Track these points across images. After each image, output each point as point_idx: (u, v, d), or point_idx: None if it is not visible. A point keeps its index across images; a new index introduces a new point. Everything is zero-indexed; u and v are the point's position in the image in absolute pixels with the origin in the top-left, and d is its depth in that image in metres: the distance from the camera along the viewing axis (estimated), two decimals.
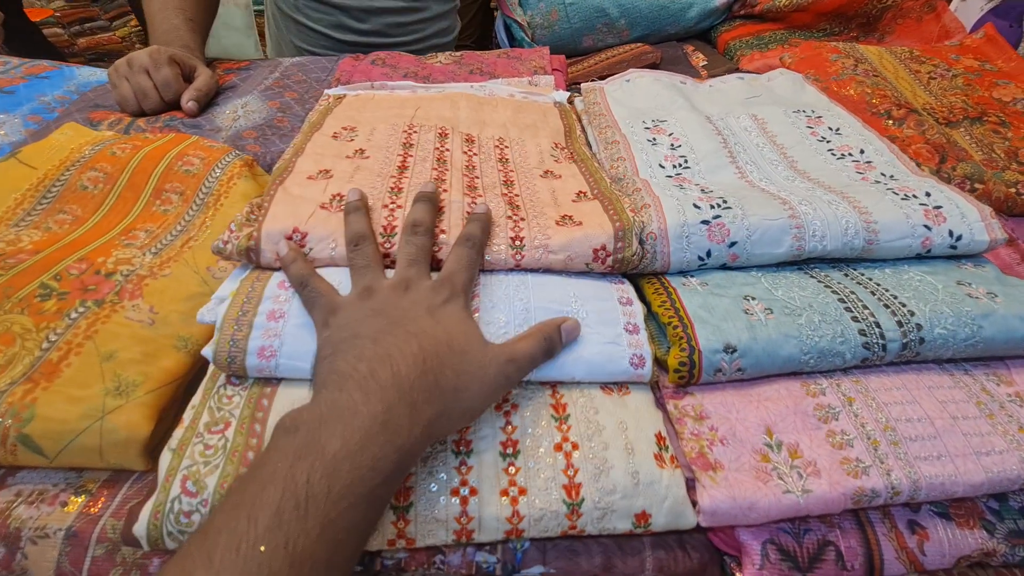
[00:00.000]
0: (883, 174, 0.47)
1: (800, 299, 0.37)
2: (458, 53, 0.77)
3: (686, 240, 0.40)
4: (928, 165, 0.57)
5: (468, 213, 0.39)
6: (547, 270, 0.38)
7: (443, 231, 0.37)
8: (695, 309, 0.36)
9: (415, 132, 0.50)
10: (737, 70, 0.83)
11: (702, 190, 0.44)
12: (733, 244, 0.39)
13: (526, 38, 0.93)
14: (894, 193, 0.42)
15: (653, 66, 0.84)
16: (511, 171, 0.47)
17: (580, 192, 0.44)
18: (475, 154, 0.49)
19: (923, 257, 0.41)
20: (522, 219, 0.39)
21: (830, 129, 0.54)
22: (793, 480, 0.30)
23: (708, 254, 0.40)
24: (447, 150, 0.48)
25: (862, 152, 0.50)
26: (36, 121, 0.64)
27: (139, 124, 0.59)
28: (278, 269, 0.36)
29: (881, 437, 0.31)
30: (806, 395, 0.34)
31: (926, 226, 0.40)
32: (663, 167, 0.49)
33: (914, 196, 0.42)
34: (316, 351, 0.30)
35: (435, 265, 0.37)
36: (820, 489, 0.29)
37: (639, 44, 0.90)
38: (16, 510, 0.31)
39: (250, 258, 0.36)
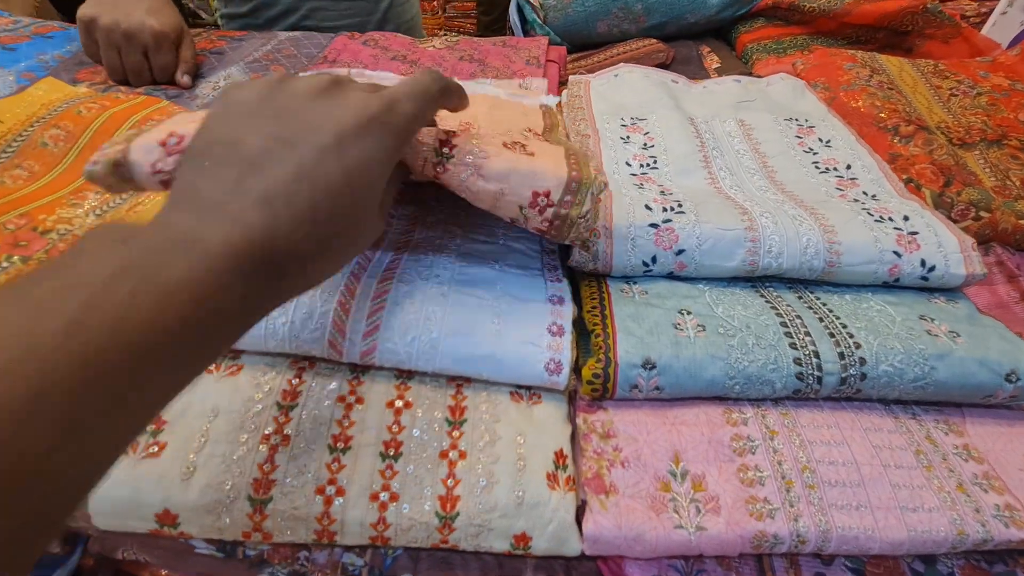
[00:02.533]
0: (864, 192, 0.43)
1: (740, 319, 0.34)
2: (454, 38, 0.75)
3: (631, 242, 0.37)
4: (931, 188, 0.53)
5: None
6: (468, 204, 0.31)
7: None
8: (623, 319, 0.34)
9: None
10: (750, 75, 0.79)
11: (661, 192, 0.41)
12: (681, 252, 0.37)
13: (537, 19, 0.90)
14: (868, 214, 0.39)
15: (663, 66, 0.81)
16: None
17: (541, 135, 0.39)
18: None
19: (891, 286, 0.37)
20: (462, 132, 0.32)
21: (820, 140, 0.50)
22: (689, 515, 0.27)
23: (653, 260, 0.37)
24: None
25: (848, 167, 0.46)
26: (29, 78, 0.65)
27: (120, 89, 0.60)
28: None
29: (797, 478, 0.28)
30: (725, 423, 0.31)
31: (896, 252, 0.36)
32: (629, 165, 0.47)
33: (890, 219, 0.38)
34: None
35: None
36: (716, 528, 0.26)
37: (652, 41, 0.86)
38: None
39: (121, 175, 0.29)
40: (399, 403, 0.30)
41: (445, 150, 0.29)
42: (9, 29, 0.75)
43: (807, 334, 0.33)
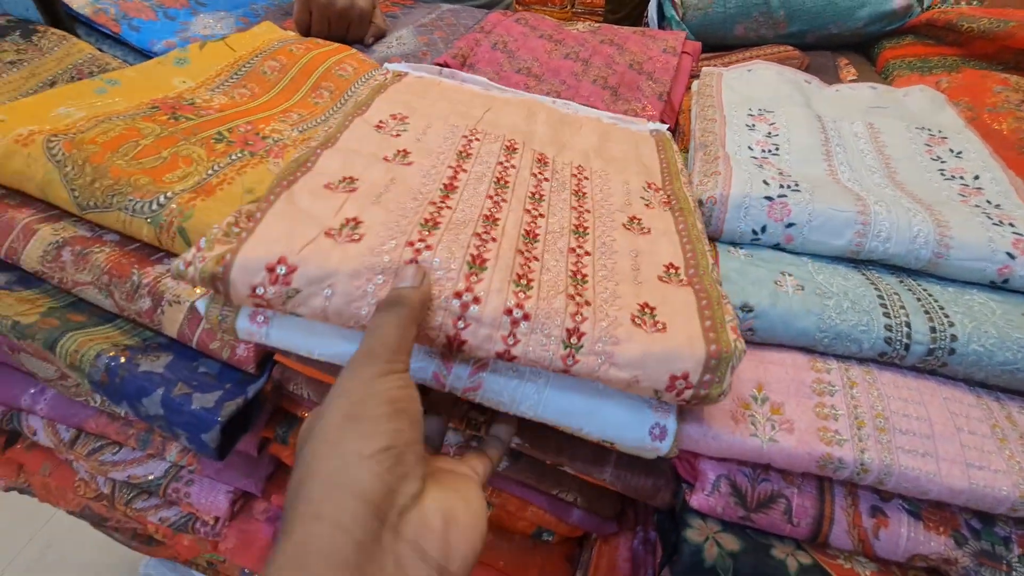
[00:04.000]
0: (988, 201, 0.44)
1: (838, 286, 0.37)
2: (596, 24, 0.81)
3: (744, 211, 0.41)
4: None
5: (518, 277, 0.30)
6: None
7: (477, 300, 0.28)
8: (728, 270, 0.38)
9: (476, 140, 0.42)
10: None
11: (780, 172, 0.45)
12: (791, 225, 0.40)
13: (676, 16, 0.93)
14: (988, 217, 0.40)
15: None
16: (586, 211, 0.38)
17: (671, 266, 0.34)
18: (546, 179, 0.40)
19: (998, 287, 0.39)
20: (587, 303, 0.29)
21: (951, 151, 0.51)
22: (764, 429, 0.31)
23: (763, 229, 0.41)
24: (512, 167, 0.39)
25: (976, 178, 0.47)
26: (244, 22, 0.79)
27: None
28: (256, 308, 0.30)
29: (869, 421, 0.32)
30: (810, 369, 0.35)
31: (1009, 254, 0.38)
32: (751, 149, 0.50)
33: (1010, 225, 0.40)
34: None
35: (457, 347, 0.28)
36: (787, 443, 0.31)
37: (787, 48, 0.87)
38: (165, 279, 0.42)
39: (216, 288, 0.27)
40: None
41: (573, 340, 0.27)
42: None
43: (902, 307, 0.35)
